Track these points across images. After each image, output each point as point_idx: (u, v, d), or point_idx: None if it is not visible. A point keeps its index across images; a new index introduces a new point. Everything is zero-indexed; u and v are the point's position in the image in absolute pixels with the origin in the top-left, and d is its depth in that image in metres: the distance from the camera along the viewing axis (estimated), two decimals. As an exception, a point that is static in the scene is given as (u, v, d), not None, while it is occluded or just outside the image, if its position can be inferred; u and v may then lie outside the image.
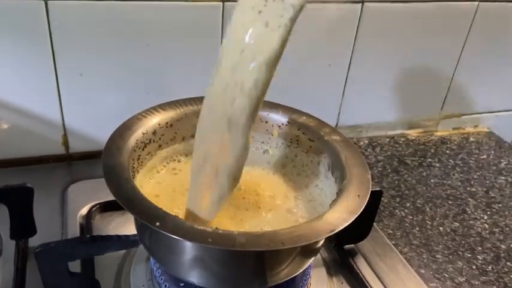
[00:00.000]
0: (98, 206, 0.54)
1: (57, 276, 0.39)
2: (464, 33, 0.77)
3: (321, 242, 0.41)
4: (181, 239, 0.32)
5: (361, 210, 0.36)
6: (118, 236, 0.40)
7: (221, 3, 0.60)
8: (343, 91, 0.75)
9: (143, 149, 0.43)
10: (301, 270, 0.41)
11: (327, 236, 0.34)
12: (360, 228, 0.52)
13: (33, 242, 0.49)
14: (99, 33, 0.57)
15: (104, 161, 0.37)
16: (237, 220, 0.42)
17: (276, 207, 0.45)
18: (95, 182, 0.58)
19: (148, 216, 0.33)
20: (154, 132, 0.44)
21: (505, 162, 0.79)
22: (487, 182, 0.73)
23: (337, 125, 0.79)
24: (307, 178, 0.47)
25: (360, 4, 0.67)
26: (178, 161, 0.48)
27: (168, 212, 0.34)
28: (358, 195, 0.38)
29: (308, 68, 0.70)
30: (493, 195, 0.70)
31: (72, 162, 0.65)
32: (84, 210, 0.54)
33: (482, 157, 0.80)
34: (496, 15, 0.77)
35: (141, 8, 0.57)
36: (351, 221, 0.35)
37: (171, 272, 0.41)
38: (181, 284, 0.41)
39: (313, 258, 0.43)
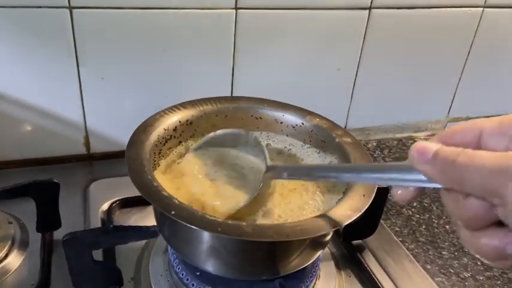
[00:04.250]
0: (117, 202, 0.57)
1: (82, 263, 0.42)
2: (470, 37, 0.79)
3: (328, 237, 0.44)
4: (194, 227, 0.34)
5: (365, 208, 0.38)
6: (139, 227, 0.43)
7: (234, 10, 0.63)
8: (352, 94, 0.77)
9: (164, 144, 0.45)
10: (310, 262, 0.43)
11: (330, 231, 0.36)
12: (367, 224, 0.54)
13: (58, 235, 0.52)
14: (119, 40, 0.61)
15: (127, 153, 0.40)
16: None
17: (287, 206, 0.47)
18: (114, 180, 0.62)
19: (165, 205, 0.35)
20: (175, 129, 0.47)
21: (511, 164, 0.80)
22: (494, 183, 0.75)
23: (346, 127, 0.81)
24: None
25: (367, 10, 0.70)
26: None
27: (183, 202, 0.36)
28: (363, 195, 0.40)
29: (317, 72, 0.73)
30: (499, 195, 0.71)
31: (93, 161, 0.68)
32: (105, 206, 0.57)
33: (489, 159, 0.82)
34: (500, 21, 0.78)
35: (159, 16, 0.60)
36: (354, 218, 0.37)
37: (188, 261, 0.43)
38: (198, 273, 0.44)
39: (321, 251, 0.45)
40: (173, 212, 0.34)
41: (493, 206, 0.23)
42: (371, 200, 0.39)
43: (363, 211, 0.38)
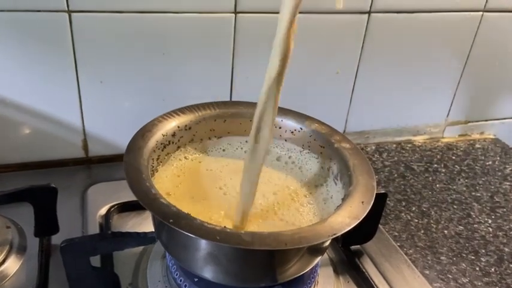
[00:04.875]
0: (116, 207, 0.57)
1: (80, 269, 0.42)
2: (469, 42, 0.79)
3: (327, 243, 0.43)
4: (192, 235, 0.34)
5: (364, 216, 0.38)
6: (137, 233, 0.43)
7: (233, 14, 0.63)
8: (351, 98, 0.77)
9: (162, 150, 0.45)
10: (309, 269, 0.43)
11: (328, 239, 0.36)
12: (366, 229, 0.54)
13: (56, 239, 0.51)
14: (118, 43, 0.60)
15: (126, 159, 0.39)
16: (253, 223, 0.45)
17: (287, 210, 0.47)
18: (113, 184, 0.62)
19: (163, 213, 0.35)
20: (173, 134, 0.47)
21: (510, 168, 0.81)
22: (492, 187, 0.75)
23: (344, 131, 0.81)
24: (317, 183, 0.50)
25: (367, 15, 0.70)
26: (199, 162, 0.50)
27: (181, 210, 0.36)
28: (362, 202, 0.40)
29: (317, 75, 0.73)
30: (497, 200, 0.71)
31: (92, 165, 0.68)
32: (103, 211, 0.57)
33: (487, 163, 0.82)
34: (500, 25, 0.78)
35: (158, 20, 0.60)
36: (352, 226, 0.37)
37: (186, 267, 0.43)
38: (196, 280, 0.44)
39: (319, 258, 0.45)
40: (171, 220, 0.34)
41: None
42: (370, 207, 0.39)
43: (361, 218, 0.38)
